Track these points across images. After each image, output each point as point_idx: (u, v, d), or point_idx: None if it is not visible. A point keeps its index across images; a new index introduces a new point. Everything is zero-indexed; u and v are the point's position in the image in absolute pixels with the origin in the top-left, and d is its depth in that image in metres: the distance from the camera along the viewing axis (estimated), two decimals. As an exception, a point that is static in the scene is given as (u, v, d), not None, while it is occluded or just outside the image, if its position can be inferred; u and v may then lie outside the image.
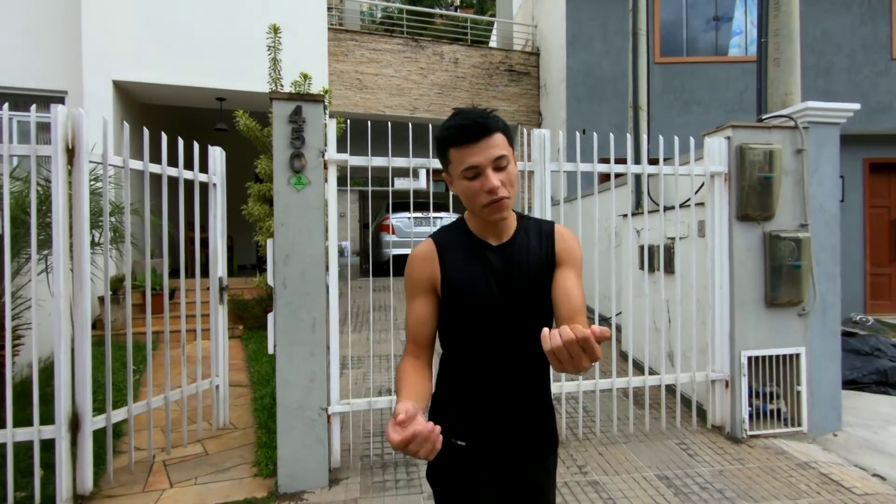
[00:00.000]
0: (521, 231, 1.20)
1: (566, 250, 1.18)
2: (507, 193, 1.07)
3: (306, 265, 2.63)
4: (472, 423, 1.18)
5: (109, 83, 6.30)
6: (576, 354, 0.77)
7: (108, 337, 2.59)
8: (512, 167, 1.09)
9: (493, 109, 1.16)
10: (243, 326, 6.05)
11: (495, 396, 1.17)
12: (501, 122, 1.10)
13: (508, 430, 1.18)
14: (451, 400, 1.22)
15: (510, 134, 1.11)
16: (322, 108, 2.70)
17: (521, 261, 1.16)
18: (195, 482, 2.70)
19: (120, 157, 2.66)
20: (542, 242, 1.18)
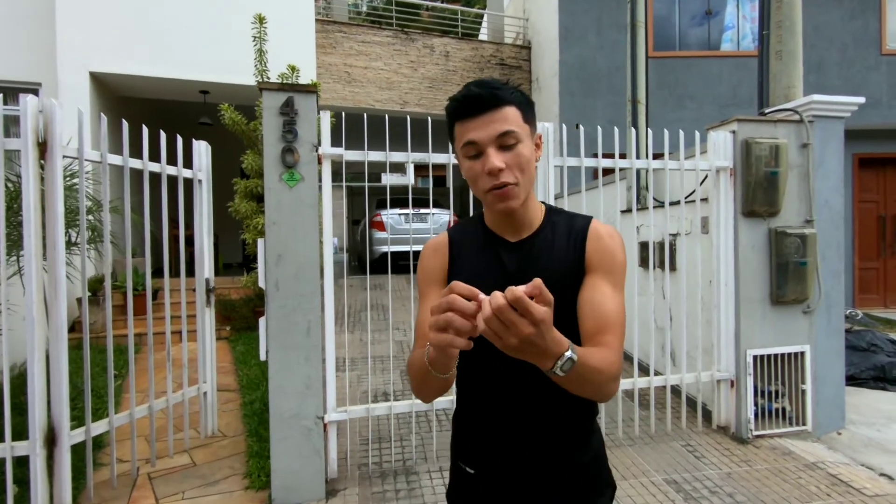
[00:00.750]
0: (547, 226, 1.00)
1: (600, 253, 0.96)
2: (512, 178, 0.90)
3: (300, 266, 2.48)
4: (481, 449, 1.04)
5: (86, 74, 6.02)
6: (511, 321, 0.65)
7: (87, 341, 2.42)
8: (523, 148, 0.91)
9: (519, 83, 1.00)
10: (230, 327, 5.86)
11: (506, 422, 1.00)
12: (518, 95, 0.93)
13: (523, 462, 1.00)
14: (463, 420, 1.09)
15: (532, 110, 0.95)
16: (315, 99, 2.54)
17: (541, 262, 0.96)
18: (182, 496, 2.54)
19: (97, 151, 2.48)
20: (570, 242, 0.98)
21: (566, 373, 0.73)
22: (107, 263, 2.55)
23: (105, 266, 2.55)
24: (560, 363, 0.72)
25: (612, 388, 0.87)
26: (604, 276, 0.94)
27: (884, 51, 7.51)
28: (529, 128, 0.93)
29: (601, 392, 0.85)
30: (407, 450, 2.95)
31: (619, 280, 0.95)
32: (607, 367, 0.83)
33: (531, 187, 0.96)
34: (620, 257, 0.97)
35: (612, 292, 0.93)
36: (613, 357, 0.86)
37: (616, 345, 0.89)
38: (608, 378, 0.83)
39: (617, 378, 0.87)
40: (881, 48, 7.51)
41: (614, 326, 0.90)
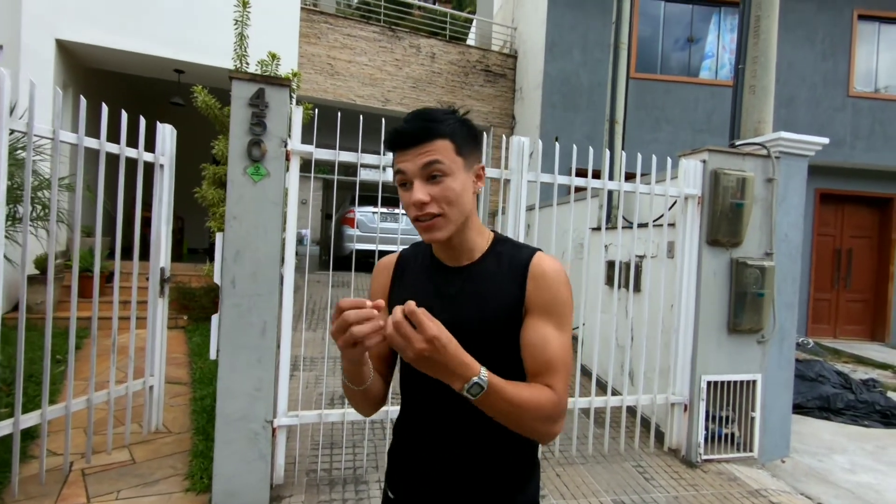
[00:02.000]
0: (490, 255, 0.98)
1: (542, 291, 0.92)
2: (437, 210, 0.89)
3: (259, 264, 2.40)
4: (404, 475, 1.03)
5: (52, 42, 5.72)
6: (406, 335, 0.74)
7: (22, 322, 2.27)
8: (452, 181, 0.89)
9: (466, 111, 0.99)
10: (188, 317, 5.66)
11: (432, 450, 0.98)
12: (455, 127, 0.91)
13: (444, 495, 0.97)
14: (395, 442, 1.07)
15: (471, 143, 0.94)
16: (288, 93, 2.46)
17: (479, 290, 0.95)
18: (117, 496, 2.42)
19: (49, 126, 2.33)
20: (511, 274, 0.94)
21: (475, 397, 0.79)
22: (52, 241, 2.40)
23: (50, 243, 2.40)
24: (467, 386, 0.78)
25: (547, 428, 0.87)
26: (546, 316, 0.91)
27: (850, 93, 7.85)
28: (463, 160, 0.92)
29: (534, 430, 0.86)
30: (359, 458, 2.89)
31: (563, 320, 0.92)
32: (536, 404, 0.84)
33: (464, 218, 0.94)
34: (564, 295, 0.93)
35: (554, 333, 0.91)
36: (550, 397, 0.86)
37: (558, 386, 0.88)
38: (539, 417, 0.84)
39: (554, 419, 0.87)
40: (848, 90, 7.84)
41: (556, 369, 0.89)
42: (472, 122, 0.98)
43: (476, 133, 0.97)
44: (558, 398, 0.87)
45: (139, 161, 2.79)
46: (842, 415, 4.19)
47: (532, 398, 0.84)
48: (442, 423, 0.97)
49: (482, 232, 1.01)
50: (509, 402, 0.81)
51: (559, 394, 0.87)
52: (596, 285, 4.24)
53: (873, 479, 3.19)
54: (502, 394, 0.81)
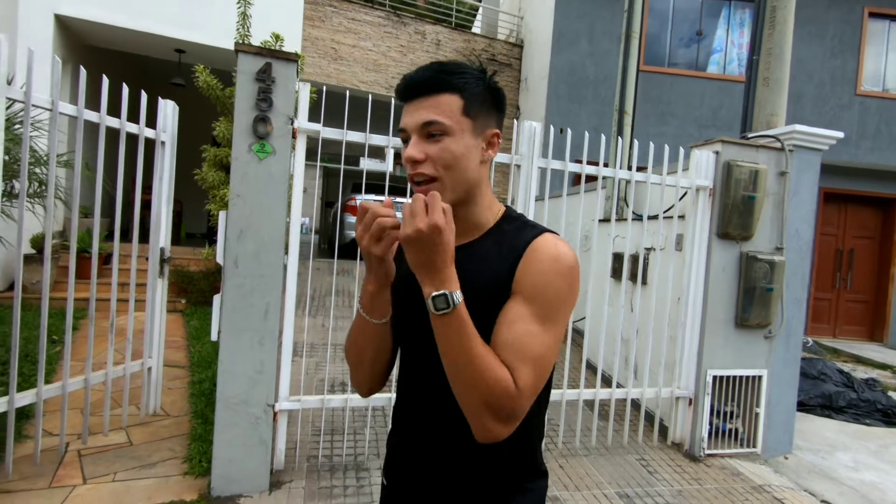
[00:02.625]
0: (494, 234, 0.88)
1: (531, 275, 0.80)
2: (431, 171, 0.81)
3: (263, 244, 2.33)
4: (396, 461, 0.99)
5: (51, 17, 5.60)
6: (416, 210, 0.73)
7: (18, 301, 2.21)
8: (452, 143, 0.81)
9: (493, 71, 0.88)
10: (186, 300, 5.60)
11: (416, 434, 0.94)
12: (469, 83, 0.82)
13: (427, 479, 0.92)
14: (391, 432, 1.02)
15: (486, 105, 0.85)
16: (295, 69, 2.39)
17: (472, 273, 0.83)
18: (113, 478, 2.37)
19: (48, 97, 2.25)
20: (506, 253, 0.84)
21: (438, 311, 0.73)
22: (49, 218, 2.33)
23: (47, 221, 2.33)
24: (436, 293, 0.73)
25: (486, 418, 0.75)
26: (527, 300, 0.79)
27: (858, 91, 7.78)
28: (471, 122, 0.83)
29: (475, 410, 0.75)
30: (360, 444, 2.85)
31: (548, 311, 0.79)
32: (483, 369, 0.73)
33: (465, 187, 0.84)
34: (556, 284, 0.79)
35: (534, 324, 0.78)
36: (505, 380, 0.74)
37: (524, 380, 0.75)
38: (483, 390, 0.73)
39: (499, 410, 0.74)
40: (856, 88, 7.78)
41: (523, 358, 0.76)
42: (497, 84, 0.88)
43: (498, 96, 0.88)
44: (516, 392, 0.74)
45: (140, 137, 2.71)
46: (844, 413, 4.17)
47: (486, 360, 0.74)
48: (435, 413, 0.90)
49: (491, 206, 0.91)
50: (462, 343, 0.73)
51: (520, 389, 0.75)
52: (602, 278, 4.20)
53: (877, 478, 3.17)
54: (462, 328, 0.73)
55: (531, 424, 0.86)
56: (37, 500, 2.15)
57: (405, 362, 0.96)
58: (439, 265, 0.73)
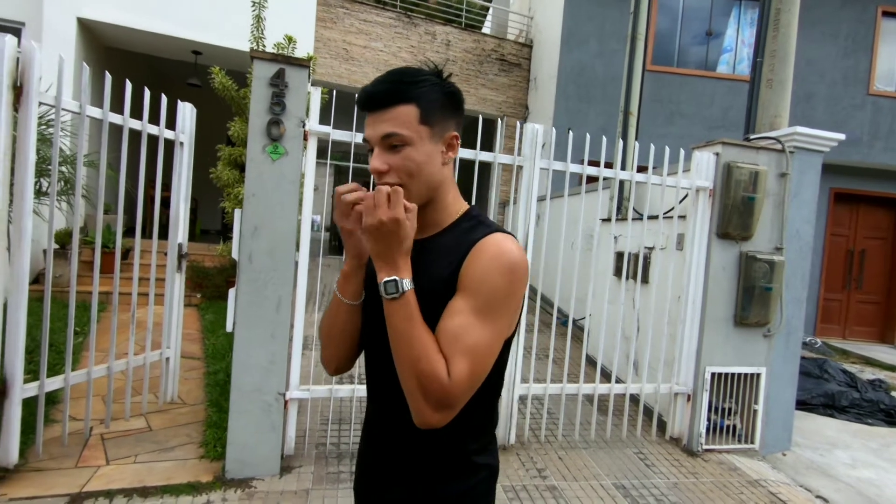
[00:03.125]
0: (451, 231, 0.92)
1: (472, 270, 0.83)
2: (395, 180, 0.85)
3: (276, 240, 2.46)
4: (360, 455, 1.05)
5: (74, 20, 5.81)
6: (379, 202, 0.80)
7: (48, 295, 2.36)
8: (413, 151, 0.85)
9: (448, 74, 0.90)
10: (201, 295, 5.78)
11: (372, 424, 1.00)
12: (423, 91, 0.85)
13: (373, 472, 1.00)
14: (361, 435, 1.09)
15: (442, 110, 0.87)
16: (307, 74, 2.51)
17: (425, 266, 0.88)
18: (134, 460, 2.52)
19: (77, 101, 2.40)
20: (456, 253, 0.87)
21: (388, 295, 0.80)
22: (76, 215, 2.48)
23: (74, 218, 2.48)
24: (387, 279, 0.81)
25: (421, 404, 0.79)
26: (468, 296, 0.82)
27: (870, 91, 7.72)
28: (429, 129, 0.86)
29: (412, 393, 0.80)
30: (366, 433, 2.96)
31: (487, 306, 0.81)
32: (424, 358, 0.78)
33: (429, 191, 0.89)
34: (496, 280, 0.82)
35: (471, 317, 0.81)
36: (438, 369, 0.78)
37: (457, 371, 0.79)
38: (417, 373, 0.78)
39: (432, 396, 0.78)
40: (868, 88, 7.71)
41: (456, 349, 0.79)
42: (451, 86, 0.90)
43: (454, 99, 0.90)
44: (448, 382, 0.78)
45: (160, 138, 2.85)
46: (846, 412, 4.20)
47: (425, 348, 0.79)
48: (382, 408, 0.97)
49: (452, 204, 0.94)
50: (407, 328, 0.79)
51: (453, 379, 0.78)
52: (604, 276, 4.27)
53: (874, 475, 3.21)
54: (408, 314, 0.80)
55: (466, 418, 0.87)
56: (65, 478, 2.30)
57: (367, 360, 1.00)
58: (395, 255, 0.81)
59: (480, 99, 8.81)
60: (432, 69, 0.90)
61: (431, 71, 0.89)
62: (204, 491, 2.31)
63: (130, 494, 2.24)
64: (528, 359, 3.41)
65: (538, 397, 3.55)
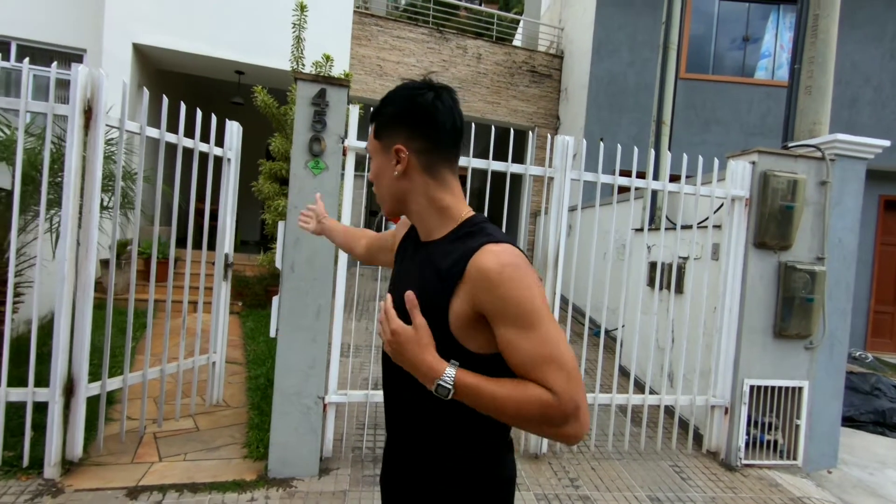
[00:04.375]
0: (452, 238, 0.93)
1: (485, 295, 0.84)
2: (375, 188, 1.00)
3: (315, 250, 2.59)
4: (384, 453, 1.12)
5: (129, 45, 6.23)
6: (382, 326, 0.87)
7: (111, 302, 2.56)
8: (372, 164, 1.00)
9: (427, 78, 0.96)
10: (242, 303, 6.02)
11: (392, 428, 1.05)
12: (378, 110, 0.97)
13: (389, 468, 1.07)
14: None
15: (388, 124, 0.94)
16: (346, 93, 2.64)
17: (422, 269, 0.94)
18: (184, 458, 2.67)
19: (137, 122, 2.61)
20: (450, 267, 0.88)
21: (444, 397, 0.82)
22: (136, 229, 2.68)
23: (133, 232, 2.68)
24: (433, 387, 0.83)
25: (548, 430, 0.82)
26: (504, 323, 0.83)
27: (921, 94, 7.38)
28: (380, 143, 0.97)
29: (538, 431, 0.83)
30: (400, 439, 3.04)
31: (524, 318, 0.82)
32: (516, 402, 0.80)
33: (393, 199, 0.98)
34: (514, 295, 0.82)
35: (522, 335, 0.82)
36: (539, 396, 0.80)
37: (556, 385, 0.80)
38: (527, 416, 0.81)
39: (551, 419, 0.80)
40: (919, 91, 7.38)
41: (538, 369, 0.82)
42: (409, 99, 0.93)
43: (405, 110, 0.93)
44: (556, 399, 0.80)
45: (210, 155, 3.05)
46: (898, 430, 4.01)
47: (514, 397, 0.81)
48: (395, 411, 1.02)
49: (447, 211, 0.95)
50: (486, 400, 0.82)
51: (558, 393, 0.80)
52: (637, 286, 4.24)
53: (928, 496, 3.06)
54: (475, 392, 0.81)
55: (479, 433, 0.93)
56: (123, 473, 2.47)
57: (384, 368, 1.06)
58: (416, 362, 0.84)
59: (511, 110, 8.88)
60: (422, 81, 0.94)
61: (413, 84, 0.93)
62: (248, 489, 2.43)
63: (181, 490, 2.38)
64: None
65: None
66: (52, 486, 2.30)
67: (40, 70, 5.88)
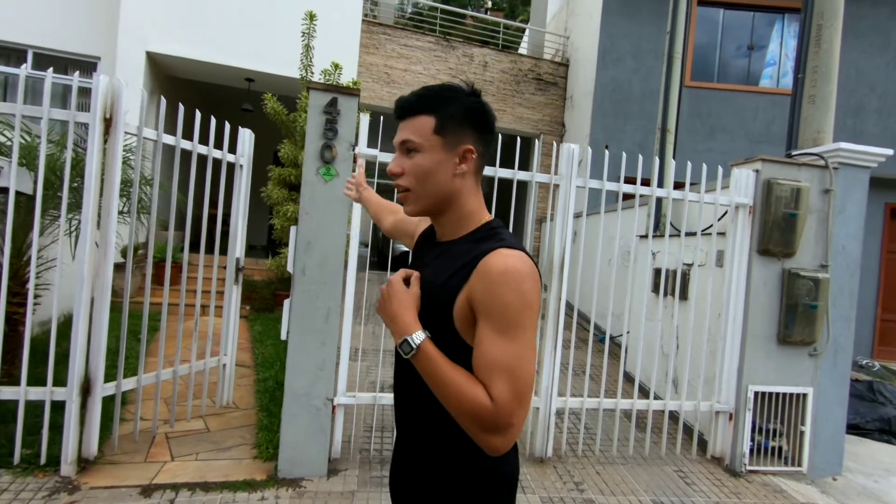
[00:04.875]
0: (469, 240, 0.97)
1: (482, 294, 0.86)
2: (405, 183, 0.95)
3: (326, 255, 2.65)
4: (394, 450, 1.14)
5: (143, 53, 6.36)
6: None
7: (126, 305, 2.63)
8: (421, 158, 0.93)
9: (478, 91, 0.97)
10: (250, 307, 6.09)
11: (402, 425, 1.07)
12: (444, 105, 0.93)
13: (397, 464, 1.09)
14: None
15: (458, 123, 0.94)
16: (357, 101, 2.71)
17: (438, 268, 0.97)
18: (196, 458, 2.72)
19: (154, 130, 2.68)
20: (463, 265, 0.91)
21: (405, 355, 0.88)
22: (151, 235, 2.75)
23: (150, 237, 2.75)
24: (399, 341, 0.90)
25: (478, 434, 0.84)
26: (484, 318, 0.86)
27: (927, 102, 7.40)
28: (442, 139, 0.93)
29: (467, 428, 0.85)
30: (407, 441, 3.08)
31: (504, 323, 0.84)
32: (458, 393, 0.83)
33: (436, 198, 0.96)
34: (505, 297, 0.84)
35: (491, 337, 0.84)
36: (480, 399, 0.82)
37: (496, 393, 0.82)
38: (463, 410, 0.83)
39: (484, 425, 0.82)
40: (925, 99, 7.40)
41: (491, 373, 0.83)
42: (477, 104, 0.96)
43: (476, 115, 0.95)
44: (492, 407, 0.82)
45: (223, 161, 3.12)
46: (904, 438, 4.00)
47: (456, 385, 0.84)
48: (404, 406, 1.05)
49: (472, 215, 0.98)
50: (435, 375, 0.86)
51: (496, 403, 0.82)
52: (642, 292, 4.27)
53: (933, 504, 3.06)
54: (431, 363, 0.86)
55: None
56: (137, 471, 2.52)
57: (396, 363, 1.09)
58: (394, 316, 0.92)
59: (517, 118, 8.96)
60: (468, 87, 0.97)
61: (464, 88, 0.96)
62: (259, 488, 2.48)
63: (194, 488, 2.43)
64: (566, 374, 3.46)
65: (575, 412, 3.58)
66: (69, 484, 2.36)
67: (63, 79, 6.01)
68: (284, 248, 5.79)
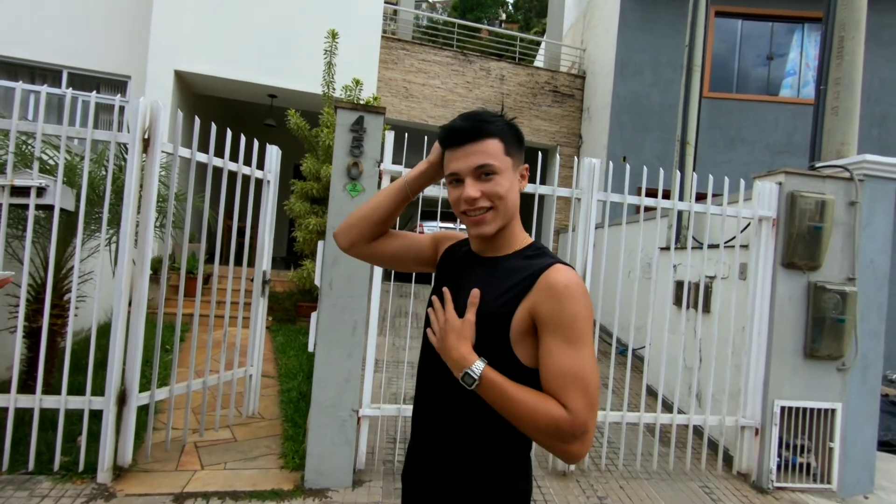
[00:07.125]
0: (519, 256, 1.00)
1: (547, 306, 0.90)
2: (487, 203, 0.96)
3: (352, 269, 2.71)
4: (408, 464, 1.11)
5: (171, 72, 6.59)
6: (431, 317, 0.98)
7: (161, 318, 2.72)
8: (501, 178, 0.96)
9: (512, 117, 1.03)
10: (272, 318, 6.19)
11: (421, 434, 1.06)
12: (503, 128, 0.97)
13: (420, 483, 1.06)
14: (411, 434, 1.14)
15: (517, 144, 1.00)
16: (382, 119, 2.79)
17: (490, 282, 0.98)
18: (224, 467, 2.79)
19: (188, 149, 2.79)
20: (519, 278, 0.95)
21: (469, 387, 0.89)
22: (184, 249, 2.85)
23: (182, 250, 2.85)
24: (460, 375, 0.90)
25: (556, 446, 0.86)
26: (552, 331, 0.90)
27: (955, 110, 7.25)
28: (511, 160, 0.98)
29: (545, 444, 0.87)
30: (430, 453, 3.10)
31: (572, 334, 0.88)
32: (531, 412, 0.85)
33: (510, 217, 1.00)
34: (571, 309, 0.89)
35: (561, 348, 0.88)
36: (555, 412, 0.85)
37: (572, 404, 0.85)
38: (538, 427, 0.85)
39: (562, 436, 0.85)
40: (952, 107, 7.26)
41: (565, 384, 0.87)
42: (517, 126, 1.03)
43: (521, 136, 1.03)
44: (569, 417, 0.84)
45: (251, 177, 3.22)
46: (938, 456, 3.89)
47: (529, 404, 0.86)
48: (428, 414, 1.04)
49: (520, 231, 1.04)
50: (505, 399, 0.87)
51: (573, 412, 0.85)
52: (664, 305, 4.25)
53: (972, 525, 2.97)
54: (496, 389, 0.87)
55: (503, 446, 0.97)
56: (169, 479, 2.59)
57: (419, 372, 1.10)
58: (449, 351, 0.92)
59: (534, 130, 9.02)
60: (499, 112, 1.02)
61: (497, 113, 1.01)
62: (286, 498, 2.53)
63: (224, 497, 2.49)
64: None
65: (598, 425, 3.55)
66: (105, 491, 2.44)
67: (105, 99, 6.24)
68: (306, 259, 5.90)
